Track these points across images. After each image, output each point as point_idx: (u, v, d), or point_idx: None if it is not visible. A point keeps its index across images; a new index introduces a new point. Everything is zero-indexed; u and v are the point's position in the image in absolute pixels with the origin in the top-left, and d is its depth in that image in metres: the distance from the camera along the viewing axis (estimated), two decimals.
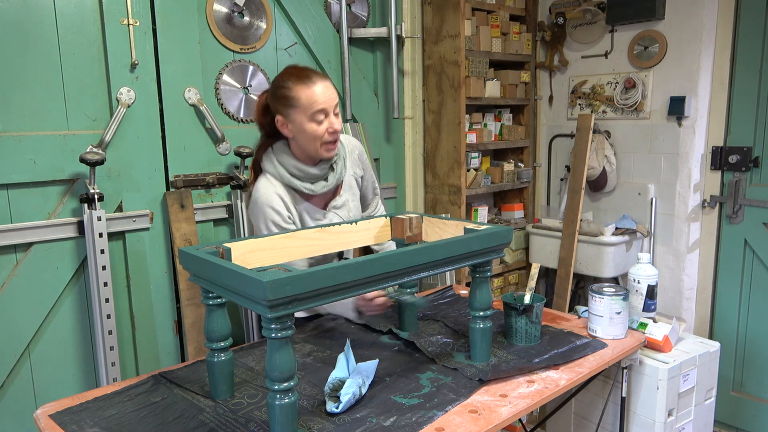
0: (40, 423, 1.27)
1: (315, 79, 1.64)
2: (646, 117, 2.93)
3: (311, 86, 1.63)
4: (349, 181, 1.88)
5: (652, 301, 1.83)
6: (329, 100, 1.65)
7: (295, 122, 1.66)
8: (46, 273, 2.05)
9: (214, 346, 1.32)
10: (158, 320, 2.29)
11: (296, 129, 1.67)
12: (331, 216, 1.81)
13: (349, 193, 1.88)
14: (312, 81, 1.64)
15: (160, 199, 2.26)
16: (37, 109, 2.00)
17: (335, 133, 1.68)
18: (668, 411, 1.76)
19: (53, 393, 2.08)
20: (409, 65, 3.02)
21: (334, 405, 1.26)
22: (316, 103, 1.62)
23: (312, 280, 1.09)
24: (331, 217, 1.81)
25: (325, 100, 1.64)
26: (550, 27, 3.24)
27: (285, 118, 1.68)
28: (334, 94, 1.67)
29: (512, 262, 3.32)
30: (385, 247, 2.01)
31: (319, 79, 1.66)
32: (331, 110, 1.66)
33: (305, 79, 1.64)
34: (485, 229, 1.46)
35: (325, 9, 2.70)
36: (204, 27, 2.34)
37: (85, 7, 2.06)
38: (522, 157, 3.40)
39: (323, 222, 1.77)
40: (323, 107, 1.63)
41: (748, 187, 2.70)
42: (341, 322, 1.83)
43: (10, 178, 1.95)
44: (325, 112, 1.64)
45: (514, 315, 1.61)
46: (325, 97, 1.64)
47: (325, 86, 1.65)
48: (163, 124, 2.25)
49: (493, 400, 1.33)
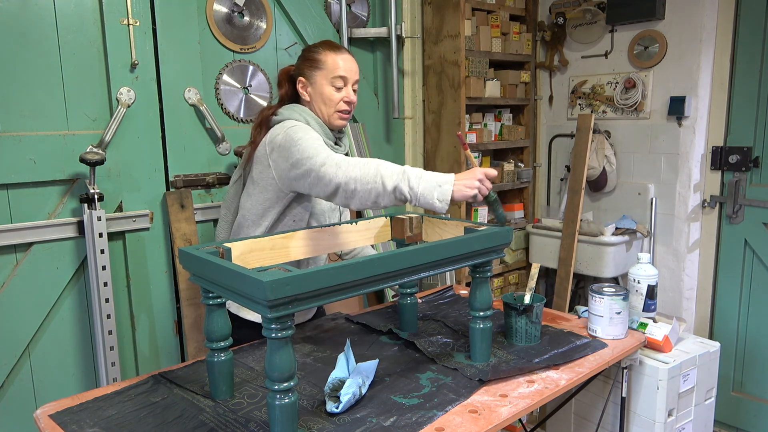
0: (40, 423, 1.27)
1: (344, 51, 1.75)
2: (646, 117, 2.93)
3: (338, 54, 1.73)
4: None
5: (652, 301, 1.83)
6: (351, 72, 1.74)
7: (315, 84, 1.73)
8: (46, 273, 2.05)
9: (214, 346, 1.32)
10: (158, 320, 2.29)
11: (315, 92, 1.74)
12: None
13: None
14: (340, 51, 1.75)
15: (160, 199, 2.26)
16: (37, 109, 2.00)
17: (350, 103, 1.75)
18: (668, 411, 1.76)
19: (53, 393, 2.08)
20: (409, 65, 3.02)
21: (334, 405, 1.26)
22: (339, 68, 1.71)
23: (312, 280, 1.09)
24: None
25: (348, 69, 1.73)
26: (550, 27, 3.24)
27: (307, 80, 1.75)
28: (356, 69, 1.76)
29: (512, 262, 3.32)
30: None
31: (348, 53, 1.76)
32: (351, 82, 1.74)
33: (335, 48, 1.75)
34: (485, 229, 1.46)
35: (325, 9, 2.70)
36: (204, 27, 2.34)
37: (85, 7, 2.06)
38: (522, 157, 3.40)
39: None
40: (344, 74, 1.72)
41: (748, 187, 2.70)
42: (341, 322, 1.83)
43: (10, 178, 1.95)
44: (344, 80, 1.73)
45: (514, 315, 1.61)
46: (348, 66, 1.73)
47: (352, 60, 1.76)
48: (163, 124, 2.25)
49: (493, 400, 1.33)
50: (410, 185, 1.42)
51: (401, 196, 1.43)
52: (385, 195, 1.44)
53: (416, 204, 1.43)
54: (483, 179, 1.43)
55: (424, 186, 1.41)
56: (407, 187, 1.42)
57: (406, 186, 1.42)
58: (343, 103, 1.74)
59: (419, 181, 1.42)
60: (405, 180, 1.42)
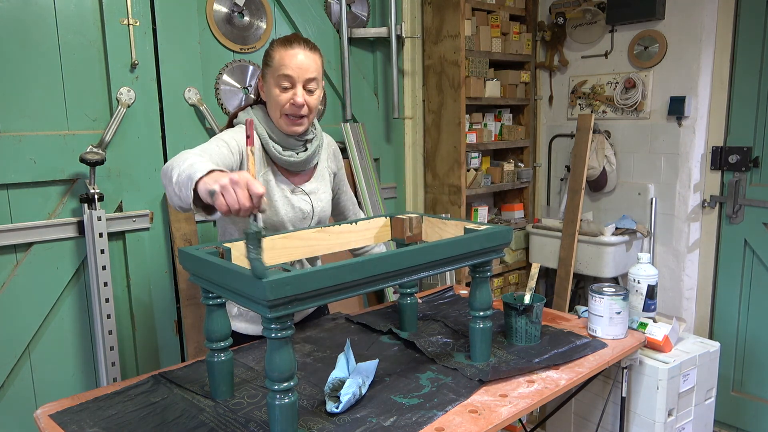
0: (40, 423, 1.27)
1: (296, 46, 1.54)
2: (646, 117, 2.94)
3: (288, 50, 1.53)
4: (322, 172, 1.74)
5: (652, 301, 1.83)
6: (300, 70, 1.53)
7: (267, 84, 1.58)
8: (46, 273, 2.05)
9: (214, 346, 1.32)
10: (158, 320, 2.29)
11: (266, 92, 1.59)
12: (298, 199, 1.65)
13: (321, 182, 1.73)
14: (291, 45, 1.54)
15: (160, 199, 2.26)
16: (37, 109, 2.01)
17: (297, 107, 1.54)
18: (668, 411, 1.76)
19: (53, 393, 2.09)
20: (409, 65, 3.02)
21: (334, 405, 1.26)
22: (284, 66, 1.52)
23: (312, 280, 1.09)
24: (298, 201, 1.65)
25: (295, 67, 1.52)
26: (550, 27, 3.24)
27: (262, 78, 1.61)
28: (310, 67, 1.55)
29: (512, 262, 3.32)
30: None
31: (302, 47, 1.55)
32: (299, 82, 1.54)
33: (286, 42, 1.55)
34: (485, 229, 1.46)
35: (325, 9, 2.70)
36: (204, 27, 2.34)
37: (85, 7, 2.06)
38: (522, 157, 3.40)
39: (289, 199, 1.63)
40: (289, 74, 1.52)
41: (748, 187, 2.70)
42: (341, 322, 1.83)
43: (10, 178, 1.95)
44: (291, 80, 1.53)
45: (514, 315, 1.61)
46: (296, 64, 1.52)
47: (304, 56, 1.54)
48: (163, 124, 2.25)
49: (493, 400, 1.33)
50: (178, 173, 1.21)
51: (174, 189, 1.23)
52: (169, 187, 1.25)
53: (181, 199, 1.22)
54: (237, 186, 1.07)
55: (185, 175, 1.19)
56: (176, 175, 1.21)
57: (176, 174, 1.21)
58: (288, 106, 1.54)
59: (186, 168, 1.20)
60: (183, 171, 1.21)
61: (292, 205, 1.63)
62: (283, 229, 1.61)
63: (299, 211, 1.65)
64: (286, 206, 1.62)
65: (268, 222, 1.59)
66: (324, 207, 1.72)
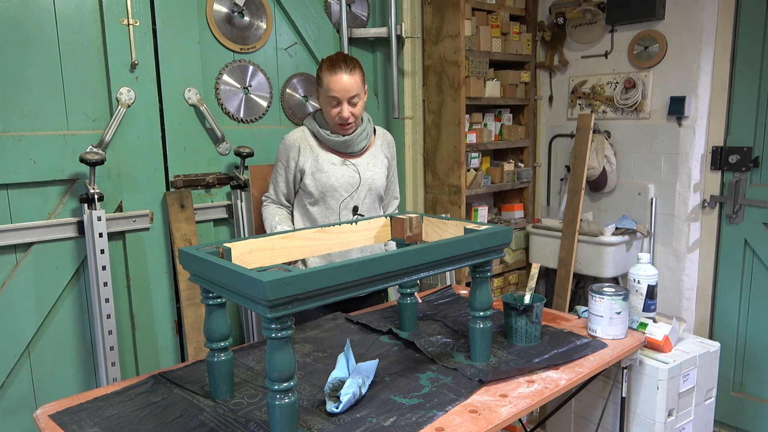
0: (40, 423, 1.27)
1: (339, 71, 1.87)
2: (646, 117, 2.93)
3: (333, 75, 1.87)
4: (375, 152, 2.04)
5: (652, 301, 1.83)
6: (343, 92, 1.87)
7: (319, 97, 1.96)
8: (46, 273, 2.05)
9: (214, 346, 1.32)
10: (158, 320, 2.29)
11: (320, 104, 1.97)
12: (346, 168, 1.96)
13: (371, 160, 2.03)
14: (335, 71, 1.87)
15: (160, 199, 2.26)
16: (37, 109, 2.00)
17: (345, 118, 1.90)
18: (668, 411, 1.76)
19: (53, 393, 2.09)
20: (409, 65, 3.02)
21: (334, 405, 1.26)
22: (331, 90, 1.88)
23: (312, 280, 1.09)
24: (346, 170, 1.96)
25: (339, 90, 1.87)
26: (550, 27, 3.24)
27: (317, 91, 1.97)
28: (353, 87, 1.88)
29: (512, 262, 3.32)
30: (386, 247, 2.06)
31: (344, 71, 1.87)
32: (344, 100, 1.88)
33: (333, 67, 1.88)
34: (485, 229, 1.46)
35: (325, 9, 2.70)
36: (204, 27, 2.34)
37: (85, 7, 2.06)
38: (522, 157, 3.40)
39: (338, 168, 1.95)
40: (336, 95, 1.88)
41: (748, 187, 2.70)
42: (341, 322, 1.83)
43: (10, 178, 1.95)
44: (337, 100, 1.88)
45: (514, 315, 1.61)
46: (340, 87, 1.87)
47: (348, 78, 1.87)
48: (163, 124, 2.25)
49: (493, 400, 1.33)
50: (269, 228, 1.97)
51: None
52: None
53: None
54: None
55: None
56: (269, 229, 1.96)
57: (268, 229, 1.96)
58: (338, 118, 1.91)
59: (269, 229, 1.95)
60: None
61: (341, 173, 1.96)
62: (335, 192, 1.95)
63: (349, 177, 1.96)
64: (336, 173, 1.95)
65: (323, 184, 1.94)
66: (372, 177, 2.01)
